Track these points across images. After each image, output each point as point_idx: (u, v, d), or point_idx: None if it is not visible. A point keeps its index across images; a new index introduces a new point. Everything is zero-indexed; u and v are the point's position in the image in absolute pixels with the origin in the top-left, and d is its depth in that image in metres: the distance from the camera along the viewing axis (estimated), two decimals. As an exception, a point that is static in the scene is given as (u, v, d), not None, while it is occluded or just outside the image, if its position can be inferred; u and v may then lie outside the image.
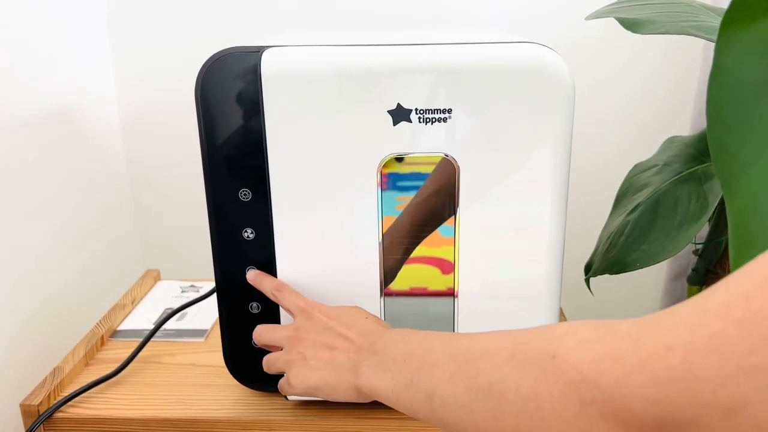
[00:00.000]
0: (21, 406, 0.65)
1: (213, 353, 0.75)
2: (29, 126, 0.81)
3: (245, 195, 0.58)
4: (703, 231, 0.82)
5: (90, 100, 0.98)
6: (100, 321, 0.81)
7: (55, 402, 0.66)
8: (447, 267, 0.61)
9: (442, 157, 0.56)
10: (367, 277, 0.60)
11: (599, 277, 0.73)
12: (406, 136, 0.55)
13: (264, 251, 0.60)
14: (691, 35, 0.65)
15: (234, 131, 0.57)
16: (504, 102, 0.54)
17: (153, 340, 0.75)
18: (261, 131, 0.56)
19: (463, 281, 0.60)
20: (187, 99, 0.58)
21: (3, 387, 0.74)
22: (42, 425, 0.64)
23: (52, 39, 0.87)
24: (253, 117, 0.56)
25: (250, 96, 0.55)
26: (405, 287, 0.61)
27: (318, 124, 0.55)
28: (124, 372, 0.71)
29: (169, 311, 0.79)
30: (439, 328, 0.62)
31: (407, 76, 0.54)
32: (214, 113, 0.56)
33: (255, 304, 0.62)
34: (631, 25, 0.68)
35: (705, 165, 0.74)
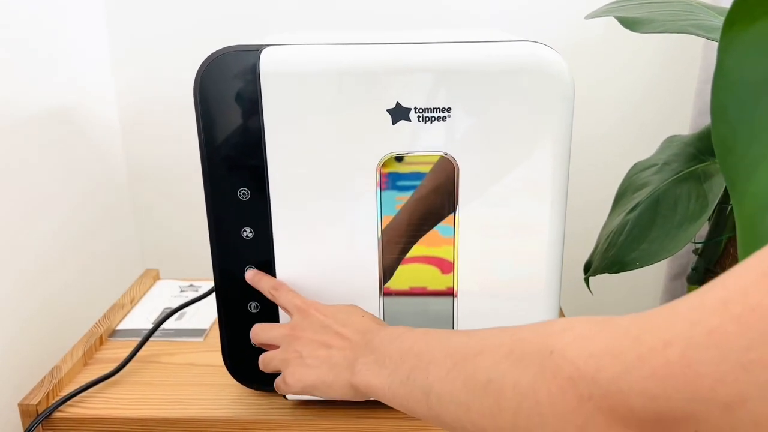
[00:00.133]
0: (19, 405, 0.65)
1: (212, 353, 0.75)
2: (29, 126, 0.81)
3: (244, 194, 0.58)
4: (703, 230, 0.82)
5: (90, 100, 0.98)
6: (98, 320, 0.81)
7: (54, 402, 0.65)
8: (446, 266, 0.60)
9: (440, 156, 0.56)
10: (367, 277, 0.60)
11: (599, 277, 0.73)
12: (405, 135, 0.55)
13: (263, 250, 0.60)
14: (691, 34, 0.65)
15: (233, 130, 0.57)
16: (503, 101, 0.54)
17: (152, 339, 0.75)
18: (260, 130, 0.56)
19: (463, 281, 0.60)
20: (187, 99, 0.58)
21: (1, 387, 0.74)
22: (40, 425, 0.64)
23: (51, 39, 0.87)
24: (252, 116, 0.56)
25: (248, 95, 0.55)
26: (404, 287, 0.61)
27: (317, 122, 0.55)
28: (122, 372, 0.71)
29: (168, 311, 0.78)
30: (439, 327, 0.62)
31: (406, 74, 0.54)
32: (212, 112, 0.56)
33: (254, 303, 0.62)
34: (631, 24, 0.68)
35: (705, 164, 0.74)
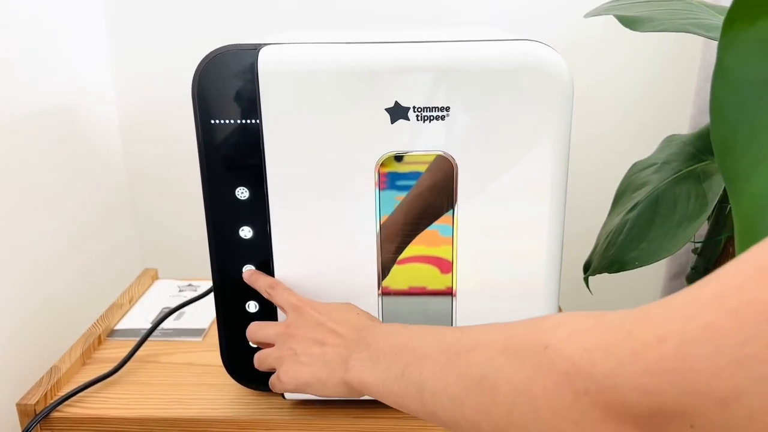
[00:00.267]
0: (17, 405, 0.64)
1: (210, 352, 0.75)
2: (28, 126, 0.81)
3: (242, 193, 0.58)
4: (702, 229, 0.82)
5: (89, 100, 0.98)
6: (97, 320, 0.81)
7: (52, 401, 0.65)
8: (445, 266, 0.60)
9: (438, 155, 0.56)
10: (365, 276, 0.60)
11: (598, 276, 0.73)
12: (403, 134, 0.55)
13: (261, 250, 0.60)
14: (691, 33, 0.65)
15: (231, 129, 0.56)
16: (502, 100, 0.54)
17: (150, 339, 0.75)
18: (258, 129, 0.56)
19: (462, 280, 0.60)
20: (186, 98, 0.58)
21: (0, 386, 0.74)
22: (39, 424, 0.64)
23: (51, 39, 0.87)
24: (250, 115, 0.56)
25: (247, 94, 0.55)
26: (403, 286, 0.61)
27: (315, 121, 0.55)
28: (121, 371, 0.71)
29: (167, 310, 0.78)
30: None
31: (405, 73, 0.54)
32: (211, 111, 0.56)
33: (252, 303, 0.62)
34: (630, 23, 0.68)
35: (704, 163, 0.74)
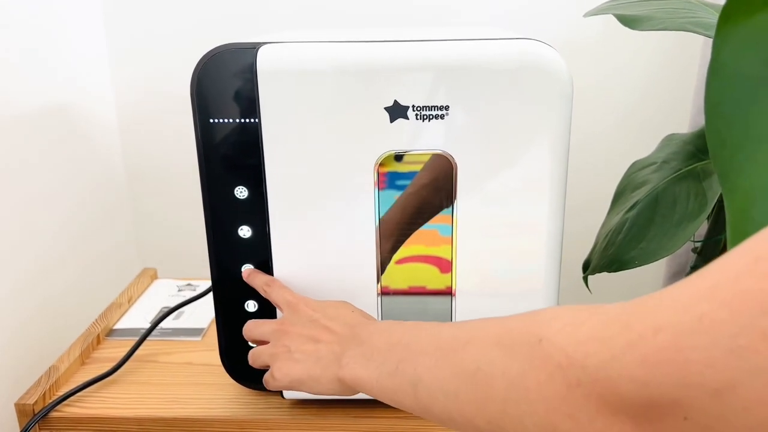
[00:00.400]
0: (16, 405, 0.64)
1: (209, 352, 0.74)
2: (27, 125, 0.81)
3: (241, 193, 0.58)
4: (702, 229, 0.82)
5: (88, 99, 0.98)
6: (96, 320, 0.81)
7: (51, 401, 0.65)
8: (445, 266, 0.60)
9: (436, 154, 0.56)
10: (364, 276, 0.60)
11: (597, 275, 0.73)
12: (403, 133, 0.55)
13: (260, 249, 0.60)
14: (690, 32, 0.65)
15: (230, 128, 0.56)
16: (502, 99, 0.54)
17: (149, 339, 0.75)
18: (257, 128, 0.56)
19: (461, 280, 0.60)
20: (185, 98, 0.58)
21: (-2, 386, 0.74)
22: (37, 424, 0.64)
23: (50, 39, 0.87)
24: (249, 114, 0.56)
25: (246, 93, 0.55)
26: (403, 286, 0.61)
27: (314, 120, 0.55)
28: (120, 371, 0.70)
29: (166, 310, 0.78)
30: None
31: (404, 72, 0.54)
32: (209, 110, 0.56)
33: (251, 302, 0.62)
34: (630, 22, 0.67)
35: (704, 162, 0.74)
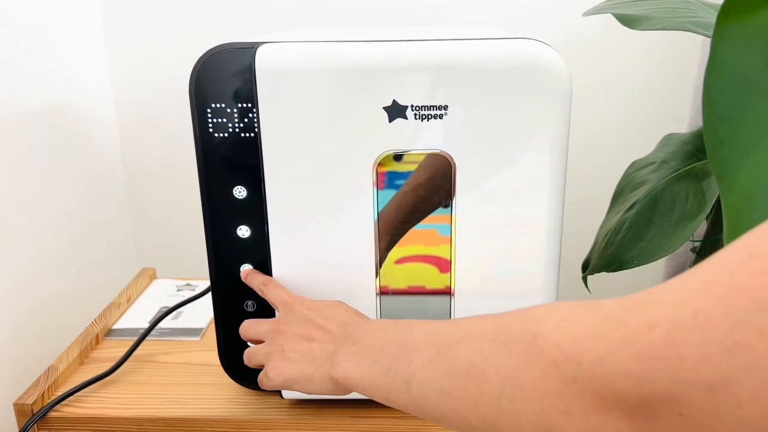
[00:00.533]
0: (15, 405, 0.64)
1: (208, 352, 0.74)
2: (26, 125, 0.81)
3: (240, 192, 0.58)
4: (701, 228, 0.81)
5: (87, 99, 0.98)
6: (95, 320, 0.81)
7: (49, 401, 0.65)
8: (444, 265, 0.60)
9: (437, 155, 0.56)
10: (363, 275, 0.60)
11: (597, 275, 0.73)
12: (402, 133, 0.55)
13: (259, 249, 0.59)
14: (689, 31, 0.65)
15: (228, 128, 0.56)
16: (501, 99, 0.54)
17: (148, 338, 0.74)
18: (256, 128, 0.56)
19: (460, 279, 0.60)
20: (184, 98, 0.57)
21: (-3, 386, 0.74)
22: (36, 424, 0.64)
23: (49, 38, 0.87)
24: (248, 113, 0.56)
25: (244, 92, 0.55)
26: (402, 285, 0.61)
27: (313, 120, 0.55)
28: (118, 371, 0.70)
29: (165, 310, 0.78)
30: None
31: (403, 72, 0.54)
32: (208, 110, 0.56)
33: (250, 302, 0.62)
34: (629, 22, 0.67)
35: (703, 162, 0.74)
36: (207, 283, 0.64)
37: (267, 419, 0.63)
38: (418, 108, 0.54)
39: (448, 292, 0.61)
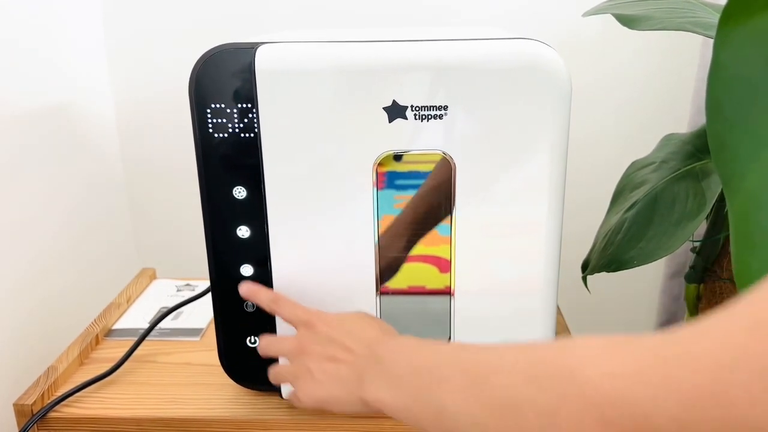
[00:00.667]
0: (14, 405, 0.64)
1: (208, 352, 0.74)
2: (25, 125, 0.81)
3: (240, 193, 0.58)
4: (701, 228, 0.82)
5: (87, 99, 0.98)
6: (94, 320, 0.81)
7: (49, 401, 0.65)
8: (444, 265, 0.60)
9: (441, 156, 0.56)
10: (364, 275, 0.60)
11: (596, 275, 0.73)
12: (401, 133, 0.55)
13: (259, 249, 0.59)
14: (689, 31, 0.65)
15: (228, 128, 0.56)
16: (500, 99, 0.54)
17: (148, 339, 0.74)
18: (255, 128, 0.56)
19: (460, 279, 0.60)
20: (183, 98, 0.57)
21: (-3, 386, 0.74)
22: (35, 425, 0.64)
23: (49, 38, 0.87)
24: (248, 114, 0.56)
25: (244, 93, 0.55)
26: (402, 285, 0.61)
27: (313, 120, 0.55)
28: (118, 371, 0.70)
29: (165, 310, 0.78)
30: (436, 326, 0.61)
31: (403, 72, 0.54)
32: (208, 110, 0.56)
33: (250, 302, 0.61)
34: (629, 22, 0.67)
35: (703, 162, 0.74)
36: (207, 284, 0.64)
37: (267, 419, 0.63)
38: (418, 108, 0.54)
39: (448, 292, 0.61)
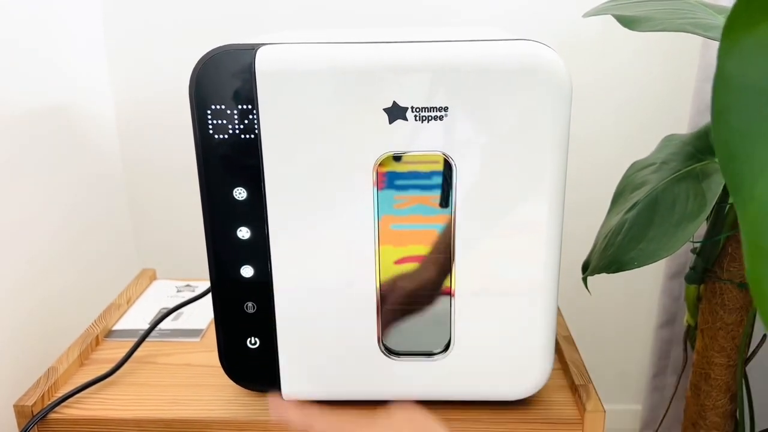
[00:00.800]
0: (15, 406, 0.64)
1: (208, 353, 0.74)
2: (25, 125, 0.81)
3: (240, 194, 0.58)
4: (701, 229, 0.82)
5: (87, 100, 0.98)
6: (95, 321, 0.81)
7: (49, 403, 0.65)
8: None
9: (441, 156, 0.56)
10: (364, 276, 0.60)
11: (597, 276, 0.73)
12: (402, 134, 0.55)
13: (259, 250, 0.59)
14: (689, 32, 0.65)
15: (229, 129, 0.56)
16: (501, 100, 0.54)
17: (148, 340, 0.74)
18: (256, 129, 0.56)
19: (461, 280, 0.60)
20: (183, 99, 0.57)
21: (-3, 387, 0.74)
22: (36, 426, 0.64)
23: (49, 38, 0.87)
24: (248, 115, 0.56)
25: (244, 94, 0.55)
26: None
27: (313, 121, 0.55)
28: (118, 372, 0.70)
29: (165, 311, 0.78)
30: (436, 326, 0.61)
31: (403, 73, 0.54)
32: (208, 111, 0.56)
33: (250, 303, 0.61)
34: (629, 23, 0.67)
35: (703, 163, 0.74)
36: (207, 284, 0.64)
37: (267, 420, 0.63)
38: (418, 109, 0.54)
39: (448, 292, 0.61)
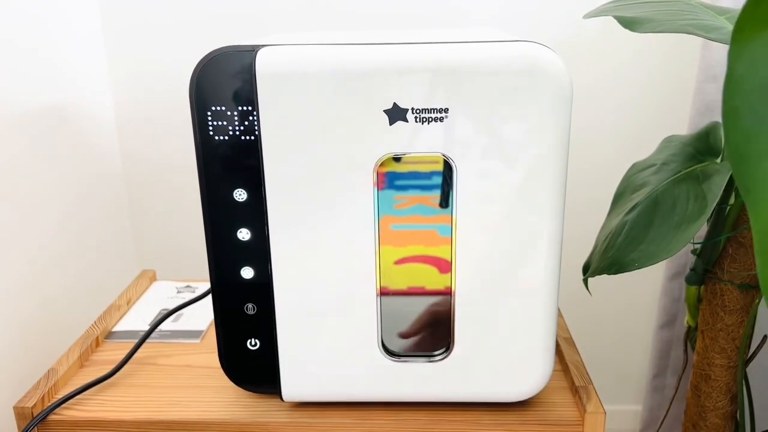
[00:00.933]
0: (15, 408, 0.64)
1: (208, 354, 0.74)
2: (25, 126, 0.80)
3: (240, 195, 0.58)
4: (702, 231, 0.82)
5: (86, 100, 0.98)
6: (95, 322, 0.81)
7: (49, 404, 0.65)
8: (444, 266, 0.60)
9: (441, 157, 0.56)
10: (364, 276, 0.60)
11: (597, 277, 0.73)
12: (402, 135, 0.55)
13: (259, 252, 0.59)
14: (690, 33, 0.65)
15: (229, 131, 0.56)
16: (501, 101, 0.54)
17: (148, 341, 0.74)
18: (256, 131, 0.56)
19: (461, 280, 0.60)
20: (184, 100, 0.57)
21: (-3, 388, 0.73)
22: (36, 427, 0.64)
23: (49, 38, 0.87)
24: (248, 116, 0.56)
25: (245, 95, 0.55)
26: (402, 286, 0.61)
27: (313, 123, 0.55)
28: (119, 374, 0.70)
29: (165, 312, 0.78)
30: (436, 326, 0.61)
31: (403, 75, 0.54)
32: (208, 112, 0.56)
33: (250, 305, 0.61)
34: (630, 24, 0.67)
35: (703, 164, 0.74)
36: (207, 285, 0.64)
37: (267, 422, 0.63)
38: (418, 111, 0.54)
39: (448, 292, 0.61)
